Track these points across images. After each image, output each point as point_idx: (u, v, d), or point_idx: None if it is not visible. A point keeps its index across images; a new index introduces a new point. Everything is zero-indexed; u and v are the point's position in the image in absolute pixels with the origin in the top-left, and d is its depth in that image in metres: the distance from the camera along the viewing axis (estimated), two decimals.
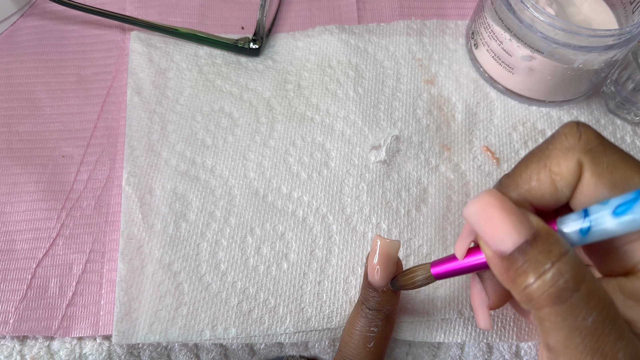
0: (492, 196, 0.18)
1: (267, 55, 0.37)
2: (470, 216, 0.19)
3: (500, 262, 0.18)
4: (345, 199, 0.32)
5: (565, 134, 0.20)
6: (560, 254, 0.17)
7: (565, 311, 0.17)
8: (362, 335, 0.27)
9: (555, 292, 0.17)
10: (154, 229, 0.31)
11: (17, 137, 0.34)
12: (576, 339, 0.17)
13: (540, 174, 0.20)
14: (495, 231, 0.18)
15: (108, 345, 0.29)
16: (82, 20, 0.38)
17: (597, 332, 0.17)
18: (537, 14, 0.30)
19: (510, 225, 0.18)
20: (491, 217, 0.18)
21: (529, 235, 0.18)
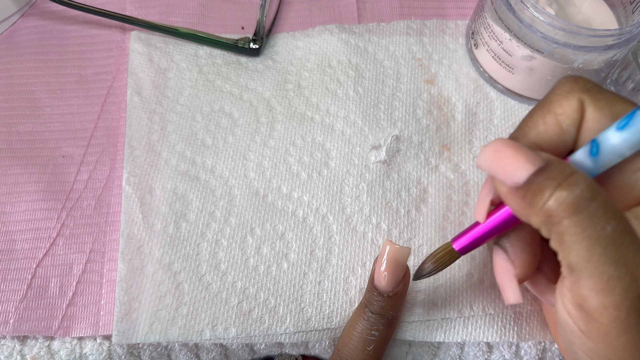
0: (503, 140, 0.19)
1: (267, 55, 0.37)
2: (485, 161, 0.20)
3: (517, 192, 0.19)
4: (346, 199, 0.32)
5: (563, 82, 0.21)
6: (572, 171, 0.18)
7: (584, 220, 0.18)
8: (363, 338, 0.27)
9: (573, 201, 0.18)
10: (154, 228, 0.31)
11: (17, 137, 0.34)
12: (597, 249, 0.17)
13: (545, 118, 0.21)
14: (510, 166, 0.19)
15: (108, 345, 0.29)
16: (82, 20, 0.38)
17: (617, 241, 0.17)
18: (537, 13, 0.30)
19: (523, 158, 0.19)
20: (504, 156, 0.19)
21: (541, 164, 0.19)
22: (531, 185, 0.19)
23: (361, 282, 0.30)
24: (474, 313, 0.29)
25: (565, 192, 0.18)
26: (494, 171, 0.20)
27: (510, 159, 0.19)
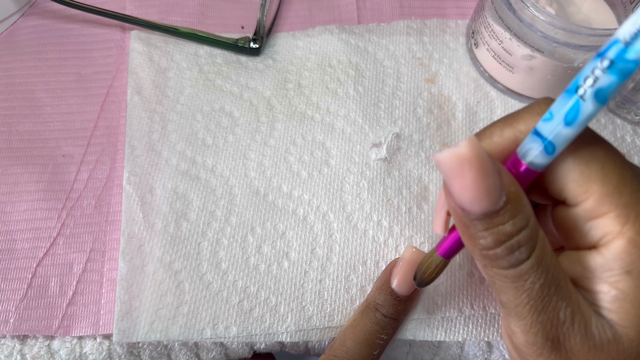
0: (471, 149, 0.17)
1: (267, 54, 0.37)
2: (443, 165, 0.17)
3: (463, 217, 0.18)
4: (346, 197, 0.32)
5: (539, 102, 0.20)
6: (521, 226, 0.18)
7: (515, 276, 0.18)
8: (371, 342, 0.27)
9: (509, 260, 0.18)
10: (154, 228, 0.31)
11: (18, 137, 0.34)
12: (524, 299, 0.18)
13: (504, 130, 0.20)
14: (467, 192, 0.17)
15: (108, 345, 0.29)
16: (82, 19, 0.38)
17: (542, 293, 0.18)
18: (537, 13, 0.30)
19: (483, 190, 0.17)
20: (464, 175, 0.17)
21: (498, 204, 0.17)
22: (478, 224, 0.18)
23: (362, 280, 0.30)
24: (474, 312, 0.30)
25: (506, 251, 0.18)
26: (448, 183, 0.18)
27: (470, 183, 0.17)
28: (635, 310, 0.18)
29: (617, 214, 0.18)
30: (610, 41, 0.15)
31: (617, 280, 0.18)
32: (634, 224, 0.18)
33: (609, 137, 0.35)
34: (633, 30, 0.15)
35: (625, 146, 0.35)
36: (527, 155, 0.18)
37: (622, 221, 0.18)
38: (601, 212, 0.18)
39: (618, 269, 0.18)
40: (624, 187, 0.18)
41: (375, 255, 0.31)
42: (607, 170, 0.18)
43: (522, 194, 0.18)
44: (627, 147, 0.35)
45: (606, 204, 0.18)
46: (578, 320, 0.18)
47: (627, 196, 0.18)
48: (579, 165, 0.18)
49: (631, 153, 0.35)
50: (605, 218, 0.18)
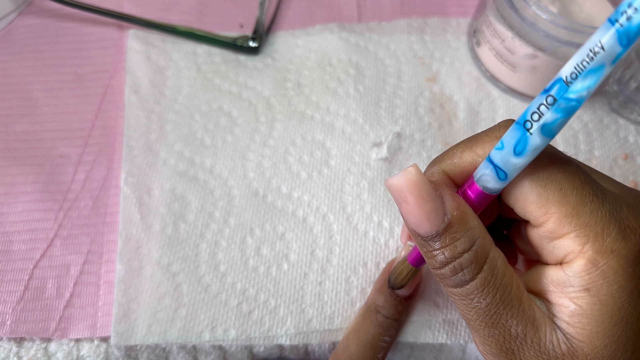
0: (412, 176, 0.19)
1: (266, 53, 0.37)
2: (391, 191, 0.19)
3: (416, 238, 0.20)
4: (346, 198, 0.32)
5: (501, 125, 0.21)
6: (463, 250, 0.19)
7: (462, 294, 0.19)
8: (375, 345, 0.27)
9: (454, 280, 0.19)
10: (152, 229, 0.31)
11: (14, 137, 0.33)
12: (473, 315, 0.20)
13: (464, 153, 0.21)
14: (411, 216, 0.19)
15: (105, 347, 0.29)
16: (80, 18, 0.38)
17: (490, 311, 0.19)
18: (539, 12, 0.29)
19: (425, 215, 0.19)
20: (408, 202, 0.19)
21: (440, 227, 0.19)
22: (427, 245, 0.19)
23: (363, 282, 0.30)
24: None
25: (450, 273, 0.19)
26: (398, 206, 0.20)
27: (413, 208, 0.19)
28: (591, 327, 0.18)
29: (576, 234, 0.19)
30: (554, 79, 0.16)
31: (576, 297, 0.19)
32: (594, 243, 0.18)
33: (611, 137, 0.35)
34: (573, 70, 0.15)
35: (628, 146, 0.34)
36: (481, 179, 0.19)
37: (582, 241, 0.19)
38: (562, 232, 0.19)
39: (578, 286, 0.19)
40: (582, 207, 0.19)
41: (375, 257, 0.30)
42: (565, 191, 0.19)
43: (467, 217, 0.19)
44: (630, 148, 0.34)
45: (566, 225, 0.19)
46: (531, 336, 0.19)
47: (586, 216, 0.19)
48: (536, 187, 0.19)
49: (634, 153, 0.34)
50: (566, 238, 0.19)
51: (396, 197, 0.19)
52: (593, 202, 0.19)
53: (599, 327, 0.18)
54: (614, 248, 0.18)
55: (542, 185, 0.19)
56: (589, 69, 0.15)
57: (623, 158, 0.34)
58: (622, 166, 0.34)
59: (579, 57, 0.15)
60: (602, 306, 0.18)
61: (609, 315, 0.18)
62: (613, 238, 0.18)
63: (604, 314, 0.18)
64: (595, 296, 0.18)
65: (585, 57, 0.15)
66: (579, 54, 0.15)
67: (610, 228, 0.18)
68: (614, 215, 0.19)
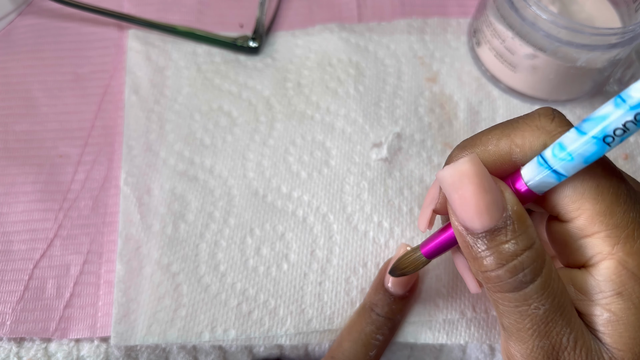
0: (471, 166, 0.17)
1: (266, 53, 0.37)
2: (445, 184, 0.18)
3: (465, 236, 0.18)
4: (346, 198, 0.32)
5: (540, 114, 0.19)
6: (525, 247, 0.18)
7: (519, 299, 0.18)
8: (366, 342, 0.27)
9: (513, 283, 0.18)
10: (152, 229, 0.31)
11: (14, 137, 0.33)
12: (527, 323, 0.18)
13: (501, 141, 0.19)
14: (467, 208, 0.17)
15: (105, 347, 0.29)
16: (80, 18, 0.38)
17: (547, 319, 0.18)
18: (539, 11, 0.29)
19: (484, 206, 0.17)
20: (465, 192, 0.17)
21: (500, 221, 0.17)
22: (480, 243, 0.18)
23: (363, 283, 0.30)
24: (476, 314, 0.29)
25: (509, 274, 0.18)
26: (450, 200, 0.18)
27: (471, 199, 0.17)
28: (629, 333, 0.18)
29: (607, 234, 0.18)
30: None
31: (608, 303, 0.18)
32: (624, 245, 0.18)
33: None
34: None
35: (628, 147, 0.34)
36: (540, 185, 0.18)
37: (612, 242, 0.18)
38: (592, 230, 0.18)
39: (609, 291, 0.18)
40: (616, 206, 0.18)
41: (376, 257, 0.30)
42: (601, 188, 0.18)
43: (525, 214, 0.18)
44: (631, 148, 0.34)
45: (597, 223, 0.18)
46: (580, 345, 0.18)
47: (618, 216, 0.18)
48: (573, 181, 0.18)
49: (634, 153, 0.34)
50: (595, 237, 0.18)
51: (450, 187, 0.18)
52: (626, 202, 0.18)
53: (637, 333, 0.18)
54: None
55: (579, 179, 0.18)
56: None
57: (623, 158, 0.34)
58: (622, 166, 0.34)
59: None
60: (637, 310, 0.18)
61: None
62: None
63: (639, 318, 0.18)
64: (629, 300, 0.18)
65: None
66: None
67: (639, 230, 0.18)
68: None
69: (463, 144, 0.21)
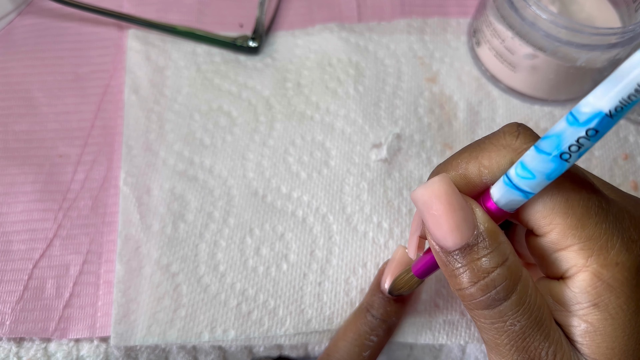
0: (442, 185, 0.18)
1: (266, 53, 0.37)
2: (418, 203, 0.18)
3: (441, 255, 0.19)
4: (346, 198, 0.32)
5: (505, 132, 0.20)
6: (497, 263, 0.18)
7: (494, 316, 0.18)
8: (360, 342, 0.27)
9: (486, 301, 0.18)
10: (152, 229, 0.31)
11: (14, 137, 0.33)
12: (504, 339, 0.18)
13: (469, 164, 0.20)
14: (439, 227, 0.18)
15: (105, 347, 0.29)
16: (79, 18, 0.38)
17: (524, 334, 0.18)
18: (539, 11, 0.29)
19: (455, 224, 0.18)
20: (436, 211, 0.18)
21: (470, 239, 0.18)
22: (454, 261, 0.18)
23: (362, 283, 0.30)
24: None
25: (481, 292, 0.18)
26: (424, 219, 0.18)
27: (442, 218, 0.18)
28: (606, 344, 0.18)
29: (580, 246, 0.18)
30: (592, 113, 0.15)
31: (585, 314, 0.18)
32: (598, 256, 0.18)
33: (612, 137, 0.35)
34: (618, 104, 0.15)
35: (628, 146, 0.34)
36: (509, 204, 0.19)
37: (586, 254, 0.18)
38: (565, 244, 0.18)
39: (585, 302, 0.18)
40: (587, 219, 0.18)
41: (375, 258, 0.30)
42: (571, 202, 0.18)
43: (497, 231, 0.18)
44: (630, 148, 0.34)
45: (569, 236, 0.18)
46: (560, 358, 0.18)
47: (590, 228, 0.18)
48: (542, 197, 0.18)
49: (634, 153, 0.34)
50: (569, 250, 0.18)
51: (423, 207, 0.18)
52: (598, 214, 0.18)
53: (614, 343, 0.18)
54: (618, 260, 0.18)
55: (548, 194, 0.18)
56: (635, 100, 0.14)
57: (623, 158, 0.34)
58: (622, 166, 0.34)
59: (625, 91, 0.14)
60: (613, 321, 0.18)
61: (621, 329, 0.18)
62: (617, 250, 0.18)
63: (616, 328, 0.18)
64: (605, 311, 0.18)
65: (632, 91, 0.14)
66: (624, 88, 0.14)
67: (613, 240, 0.18)
68: (617, 227, 0.18)
69: (436, 170, 0.21)
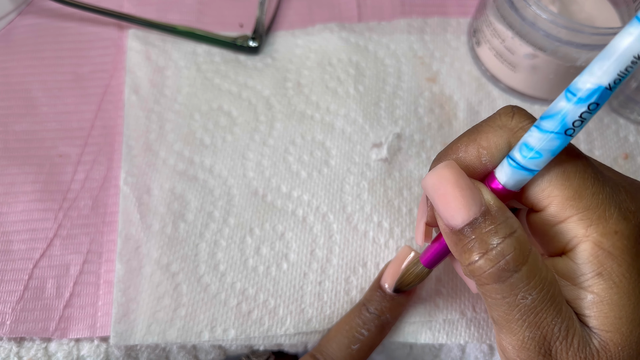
0: (448, 169, 0.19)
1: (266, 53, 0.37)
2: (427, 188, 0.19)
3: (451, 235, 0.19)
4: (346, 198, 0.32)
5: (500, 113, 0.20)
6: (505, 234, 0.18)
7: (505, 289, 0.18)
8: (351, 335, 0.27)
9: (496, 272, 0.18)
10: (152, 229, 0.31)
11: (14, 137, 0.33)
12: (516, 314, 0.18)
13: (468, 147, 0.20)
14: (447, 206, 0.19)
15: (106, 347, 0.29)
16: (79, 17, 0.38)
17: (535, 309, 0.18)
18: (539, 11, 0.29)
19: (462, 201, 0.18)
20: (445, 192, 0.18)
21: (478, 213, 0.18)
22: (464, 237, 0.19)
23: (362, 282, 0.30)
24: (476, 314, 0.29)
25: (491, 262, 0.18)
26: (433, 203, 0.19)
27: (450, 198, 0.18)
28: (614, 313, 0.18)
29: (579, 217, 0.18)
30: (593, 88, 0.16)
31: (590, 285, 0.18)
32: (597, 226, 0.18)
33: (612, 136, 0.35)
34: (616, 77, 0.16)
35: (628, 146, 0.34)
36: (507, 179, 0.19)
37: (585, 224, 0.18)
38: (564, 215, 0.19)
39: (589, 272, 0.18)
40: (585, 189, 0.18)
41: (375, 257, 0.30)
42: (568, 173, 0.19)
43: (503, 206, 0.19)
44: (630, 147, 0.34)
45: (568, 207, 0.19)
46: (572, 334, 0.18)
47: (588, 199, 0.18)
48: (540, 171, 0.19)
49: (634, 153, 0.34)
50: (569, 222, 0.19)
51: (431, 190, 0.19)
52: (594, 185, 0.19)
53: (621, 312, 0.18)
54: (617, 229, 0.18)
55: (545, 167, 0.19)
56: (630, 71, 0.16)
57: (623, 157, 0.34)
58: (622, 166, 0.34)
59: (622, 64, 0.15)
60: (618, 289, 0.18)
61: (626, 297, 0.18)
62: (615, 219, 0.18)
63: (621, 297, 0.18)
64: (610, 279, 0.18)
65: (629, 63, 0.15)
66: (619, 61, 0.15)
67: (611, 210, 0.18)
68: (613, 198, 0.19)
69: (438, 156, 0.22)
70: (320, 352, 0.27)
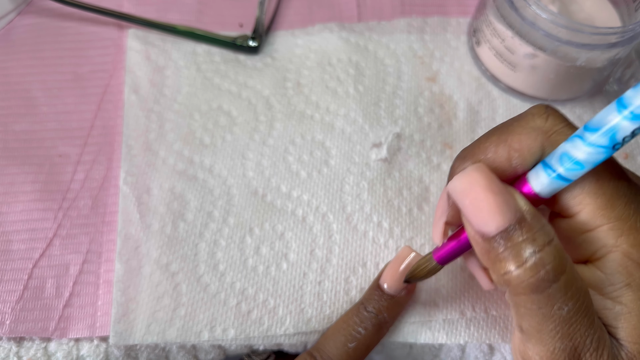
0: (479, 173, 0.17)
1: (266, 53, 0.37)
2: (455, 193, 0.18)
3: (482, 243, 0.18)
4: (346, 198, 0.32)
5: (533, 114, 0.19)
6: (544, 243, 0.17)
7: (542, 300, 0.17)
8: (347, 332, 0.27)
9: (535, 283, 0.17)
10: (151, 229, 0.31)
11: (13, 137, 0.33)
12: (549, 325, 0.17)
13: (499, 147, 0.19)
14: (480, 212, 0.17)
15: (105, 347, 0.29)
16: (79, 17, 0.38)
17: (570, 320, 0.17)
18: (539, 11, 0.29)
19: (496, 207, 0.17)
20: (476, 197, 0.17)
21: (513, 220, 0.17)
22: (497, 245, 0.17)
23: (362, 282, 0.30)
24: (476, 314, 0.29)
25: (530, 272, 0.17)
26: (463, 208, 0.18)
27: (482, 203, 0.17)
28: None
29: (610, 227, 0.18)
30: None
31: (619, 295, 0.18)
32: (628, 236, 0.18)
33: None
34: None
35: (628, 146, 0.34)
36: (542, 187, 0.18)
37: (615, 234, 0.18)
38: (595, 224, 0.18)
39: (618, 283, 0.18)
40: (617, 199, 0.18)
41: (375, 257, 0.30)
42: (601, 182, 0.18)
43: (538, 213, 0.18)
44: (630, 147, 0.34)
45: (599, 216, 0.18)
46: (602, 346, 0.17)
47: (620, 209, 0.18)
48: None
49: (634, 153, 0.34)
50: (599, 231, 0.18)
51: (461, 195, 0.18)
52: (627, 195, 0.18)
53: None
54: None
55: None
56: None
57: (623, 157, 0.34)
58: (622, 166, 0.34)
59: None
60: None
61: None
62: None
63: None
64: (638, 290, 0.18)
65: None
66: None
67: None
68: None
69: (463, 154, 0.21)
70: (318, 350, 0.27)
